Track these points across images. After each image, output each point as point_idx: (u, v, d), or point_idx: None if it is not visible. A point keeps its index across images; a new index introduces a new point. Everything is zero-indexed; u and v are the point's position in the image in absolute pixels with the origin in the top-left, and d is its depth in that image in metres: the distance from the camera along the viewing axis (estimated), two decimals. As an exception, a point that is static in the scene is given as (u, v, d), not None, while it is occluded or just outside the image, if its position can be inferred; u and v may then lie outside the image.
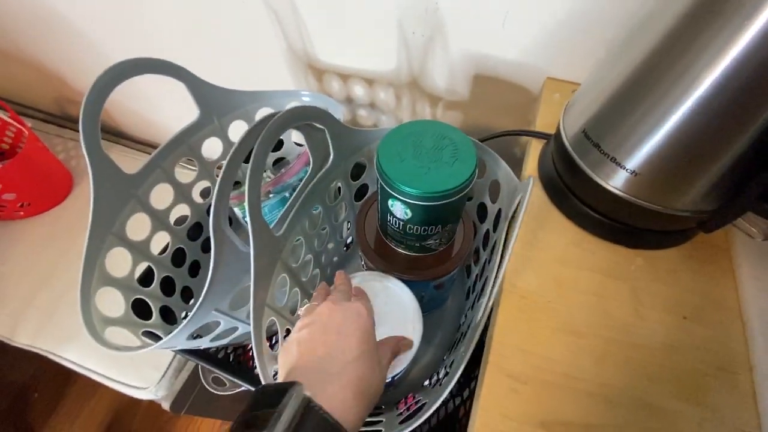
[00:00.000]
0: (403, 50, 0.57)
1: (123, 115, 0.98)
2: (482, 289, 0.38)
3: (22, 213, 0.84)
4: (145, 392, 0.69)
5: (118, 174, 0.40)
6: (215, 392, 0.67)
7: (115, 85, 0.38)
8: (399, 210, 0.39)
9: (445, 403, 0.53)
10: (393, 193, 0.36)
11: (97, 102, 0.37)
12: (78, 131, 0.36)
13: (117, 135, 1.02)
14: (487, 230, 0.49)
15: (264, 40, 0.63)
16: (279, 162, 0.62)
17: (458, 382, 0.54)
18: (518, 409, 0.28)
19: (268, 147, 0.36)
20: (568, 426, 0.27)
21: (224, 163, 0.35)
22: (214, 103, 0.48)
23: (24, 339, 0.75)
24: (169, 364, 0.70)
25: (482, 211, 0.52)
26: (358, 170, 0.52)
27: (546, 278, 0.34)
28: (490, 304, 0.31)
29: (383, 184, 0.37)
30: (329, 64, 0.63)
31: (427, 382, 0.53)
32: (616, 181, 0.31)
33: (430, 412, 0.32)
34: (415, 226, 0.40)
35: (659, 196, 0.31)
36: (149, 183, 0.44)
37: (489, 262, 0.40)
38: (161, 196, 0.47)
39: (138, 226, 0.45)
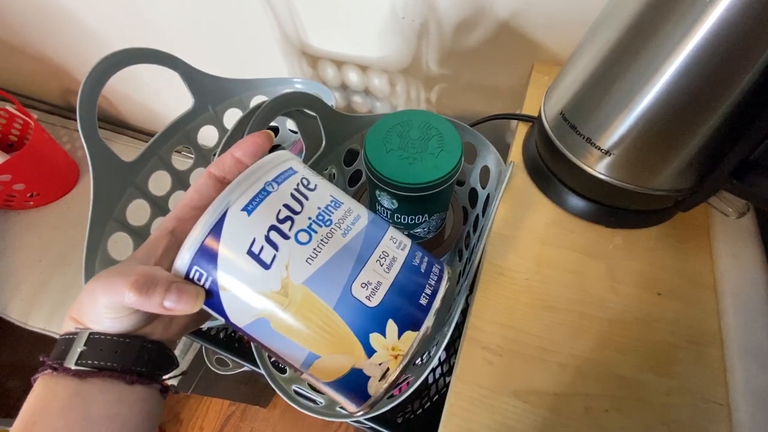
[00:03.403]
0: (396, 36, 0.57)
1: (125, 105, 1.00)
2: (467, 271, 0.40)
3: (31, 203, 0.87)
4: (153, 373, 0.72)
5: (116, 161, 0.42)
6: (219, 372, 0.70)
7: (110, 74, 0.40)
8: (386, 200, 0.40)
9: (436, 380, 0.55)
10: (379, 184, 0.37)
11: (92, 91, 0.38)
12: (83, 122, 0.38)
13: (121, 126, 1.04)
14: (477, 215, 0.50)
15: (258, 27, 0.63)
16: (275, 149, 0.64)
17: (449, 362, 0.56)
18: (492, 379, 0.29)
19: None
20: (539, 394, 0.29)
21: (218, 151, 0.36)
22: (209, 92, 0.50)
23: (38, 323, 0.78)
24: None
25: (474, 196, 0.53)
26: (352, 156, 0.53)
27: (525, 257, 0.35)
28: (468, 282, 0.33)
29: (370, 175, 0.38)
30: (323, 50, 0.64)
31: (419, 361, 0.55)
32: (592, 162, 0.32)
33: (416, 386, 0.34)
34: (403, 216, 0.42)
35: (634, 176, 0.31)
36: (147, 170, 0.46)
37: (476, 247, 0.41)
38: (160, 183, 0.49)
39: (138, 212, 0.47)
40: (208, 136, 0.52)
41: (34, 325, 0.78)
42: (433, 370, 0.56)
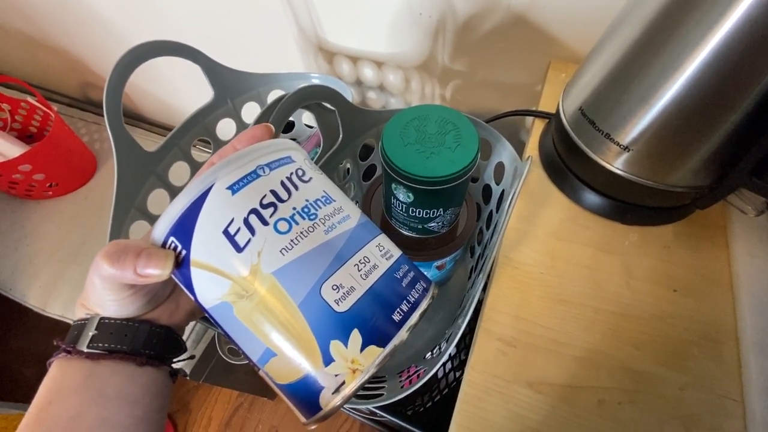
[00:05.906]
0: (412, 32, 0.57)
1: (142, 98, 1.02)
2: (482, 267, 0.40)
3: (50, 193, 0.89)
4: (166, 361, 0.73)
5: (139, 151, 0.43)
6: (230, 362, 0.71)
7: (135, 65, 0.41)
8: (402, 193, 0.40)
9: (446, 374, 0.56)
10: (396, 177, 0.38)
11: (118, 82, 0.39)
12: (100, 115, 0.39)
13: (137, 119, 1.06)
14: (491, 211, 0.51)
15: (275, 22, 0.64)
16: (290, 143, 0.65)
17: (459, 356, 0.57)
18: (506, 370, 0.30)
19: (281, 123, 0.38)
20: (552, 386, 0.29)
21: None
22: (228, 85, 0.51)
23: (56, 310, 0.80)
24: (189, 335, 0.75)
25: (487, 192, 0.53)
26: (366, 151, 0.53)
27: (540, 251, 0.35)
28: (483, 277, 0.33)
29: (386, 168, 0.38)
30: (339, 46, 0.64)
31: (429, 355, 0.55)
32: (610, 158, 0.32)
33: (428, 376, 0.34)
34: (418, 210, 0.42)
35: (652, 172, 0.31)
36: (167, 161, 0.47)
37: (490, 242, 0.41)
38: (179, 173, 0.50)
39: (158, 201, 0.48)
40: (226, 128, 0.53)
41: (52, 312, 0.80)
42: (444, 364, 0.57)
